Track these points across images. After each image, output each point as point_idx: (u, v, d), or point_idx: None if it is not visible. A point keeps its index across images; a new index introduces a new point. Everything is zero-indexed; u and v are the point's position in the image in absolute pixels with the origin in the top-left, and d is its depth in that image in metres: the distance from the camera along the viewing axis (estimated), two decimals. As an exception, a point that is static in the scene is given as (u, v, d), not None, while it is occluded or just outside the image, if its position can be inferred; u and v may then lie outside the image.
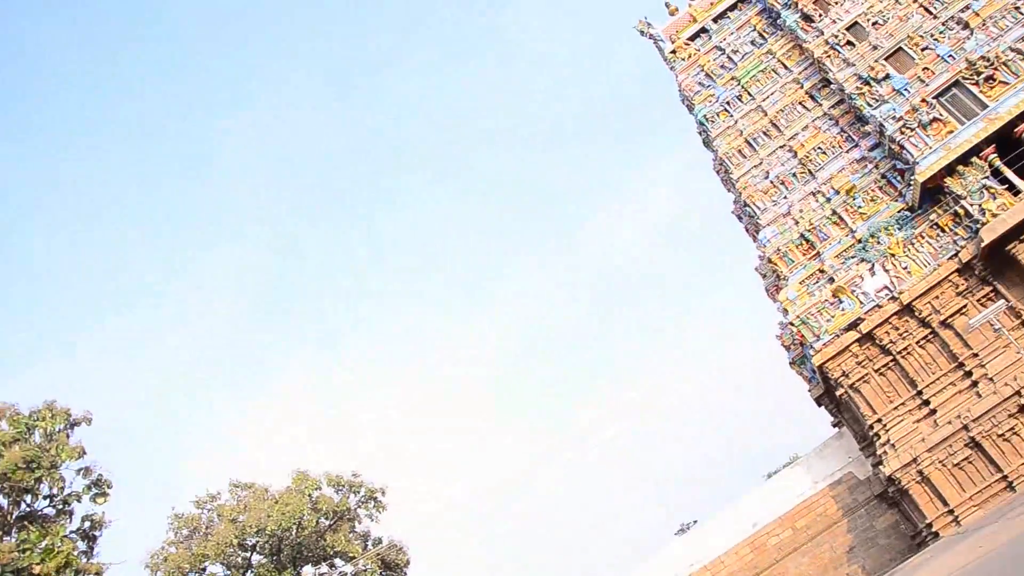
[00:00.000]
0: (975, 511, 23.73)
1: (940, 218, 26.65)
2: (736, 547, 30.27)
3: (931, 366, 25.92)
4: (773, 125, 31.24)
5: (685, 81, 33.93)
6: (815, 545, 29.24)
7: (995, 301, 25.07)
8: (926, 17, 30.06)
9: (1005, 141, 25.88)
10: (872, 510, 28.91)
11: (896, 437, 25.36)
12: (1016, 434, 24.09)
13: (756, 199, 30.38)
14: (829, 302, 27.29)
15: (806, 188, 29.67)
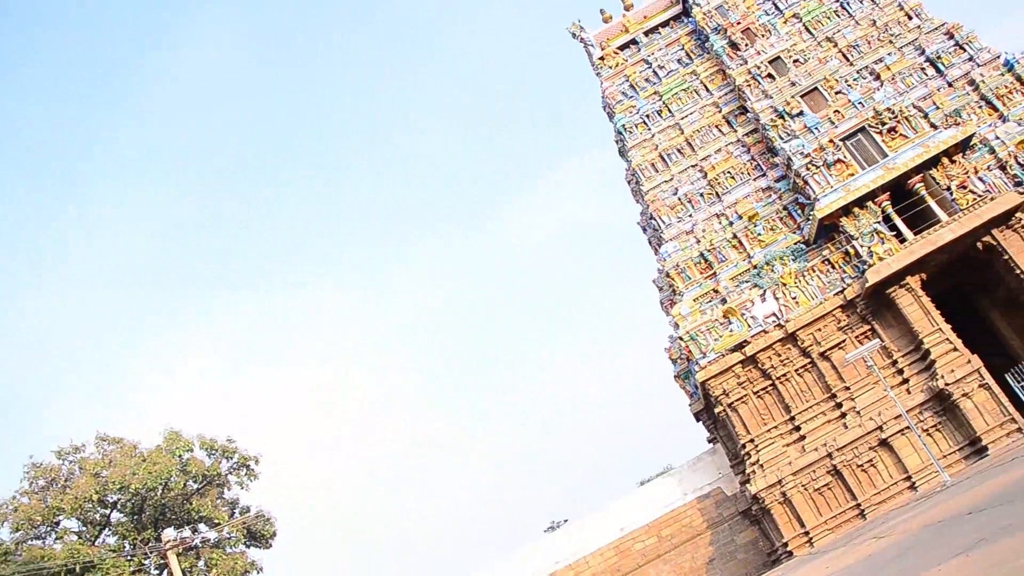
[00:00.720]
0: (828, 534, 24.98)
1: (832, 255, 27.93)
2: (602, 549, 30.99)
3: (806, 394, 27.15)
4: (688, 144, 32.09)
5: (609, 89, 34.48)
6: (678, 554, 30.21)
7: (871, 339, 26.43)
8: (843, 63, 31.48)
9: (899, 190, 27.32)
10: (735, 525, 30.06)
11: (765, 458, 26.45)
12: (873, 466, 25.50)
13: (662, 213, 31.14)
14: (719, 322, 28.21)
15: (711, 209, 30.61)
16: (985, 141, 28.84)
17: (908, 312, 26.19)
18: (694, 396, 32.97)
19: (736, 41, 31.66)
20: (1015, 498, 7.05)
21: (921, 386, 25.75)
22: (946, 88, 30.66)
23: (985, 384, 24.72)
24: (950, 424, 25.28)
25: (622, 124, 33.40)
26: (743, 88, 30.75)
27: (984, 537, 5.62)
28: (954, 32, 31.60)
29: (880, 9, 32.92)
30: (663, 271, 30.78)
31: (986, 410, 24.55)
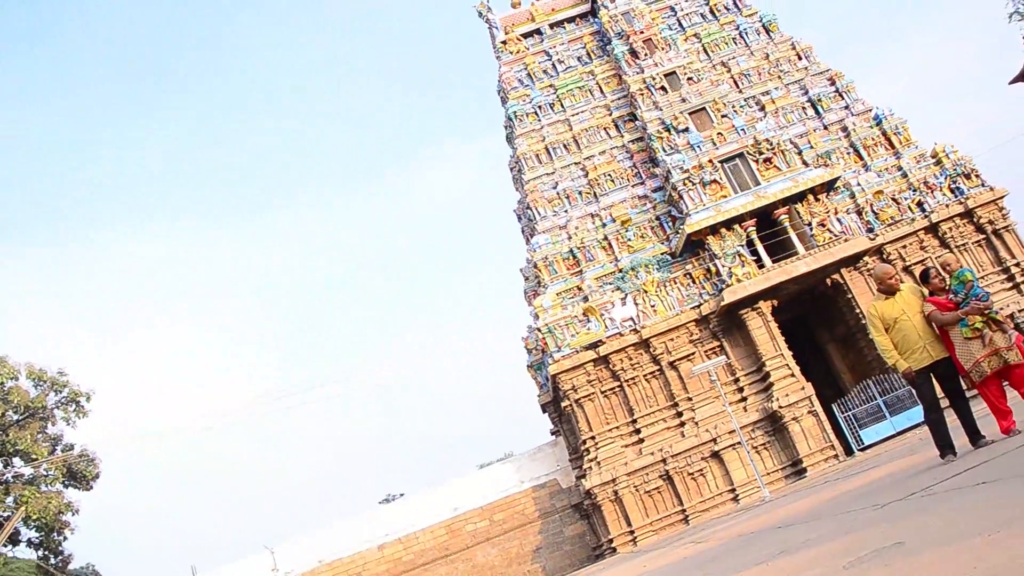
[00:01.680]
0: (652, 535, 25.96)
1: (695, 270, 28.93)
2: (433, 526, 31.19)
3: (650, 399, 28.06)
4: (575, 141, 32.52)
5: (507, 74, 34.53)
6: (507, 539, 30.73)
7: (719, 355, 27.56)
8: (733, 89, 32.60)
9: (766, 218, 28.55)
10: (566, 517, 30.82)
11: (603, 456, 27.20)
12: (703, 475, 26.64)
13: (539, 205, 31.47)
14: (578, 319, 28.76)
15: (587, 208, 31.16)
16: (848, 186, 30.52)
17: (756, 335, 27.46)
18: (544, 388, 33.55)
19: (636, 49, 32.27)
20: (820, 516, 7.50)
21: (757, 406, 27.07)
22: (822, 130, 32.23)
23: (814, 411, 26.21)
24: (778, 444, 26.70)
25: (514, 111, 33.53)
26: (636, 96, 31.40)
27: (785, 549, 5.93)
28: (836, 79, 33.24)
29: (775, 45, 34.25)
30: (532, 261, 31.14)
31: (811, 435, 26.05)
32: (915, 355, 7.35)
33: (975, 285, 7.35)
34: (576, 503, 30.40)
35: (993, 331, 7.10)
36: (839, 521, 6.44)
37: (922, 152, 31.51)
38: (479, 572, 30.41)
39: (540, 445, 33.24)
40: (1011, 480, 4.32)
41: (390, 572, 30.68)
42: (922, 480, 6.58)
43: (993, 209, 30.20)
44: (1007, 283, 29.40)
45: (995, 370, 7.10)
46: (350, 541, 31.33)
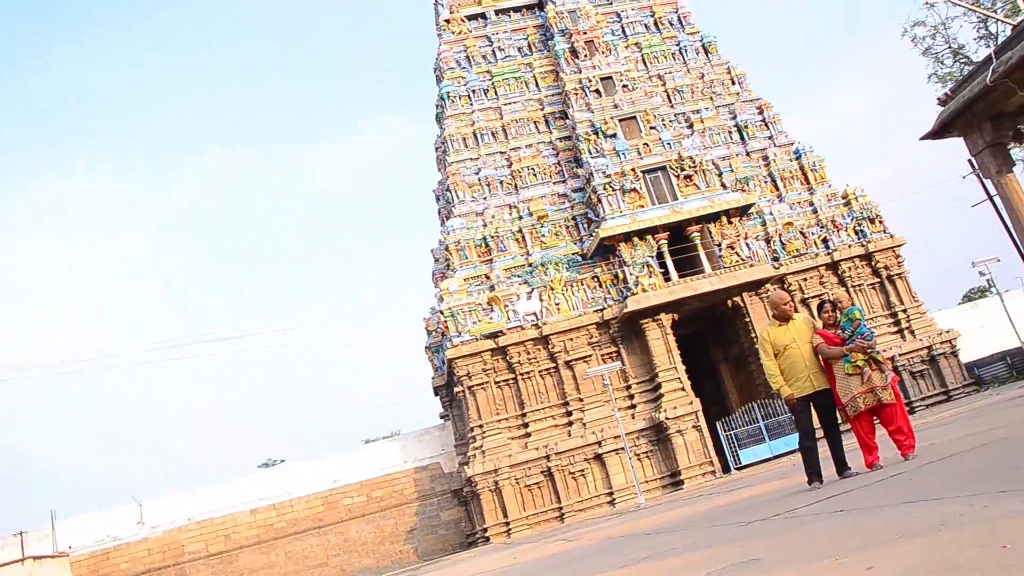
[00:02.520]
0: (526, 529, 26.22)
1: (603, 274, 29.29)
2: (310, 496, 30.85)
3: (543, 396, 28.31)
4: (503, 130, 32.50)
5: (446, 54, 34.25)
6: (383, 517, 30.63)
7: (615, 360, 28.00)
8: (666, 103, 33.09)
9: (678, 233, 29.09)
10: (444, 502, 30.89)
11: (489, 446, 27.32)
12: (584, 476, 27.03)
13: (459, 188, 31.35)
14: (482, 307, 28.78)
15: (506, 199, 31.18)
16: (761, 213, 31.36)
17: (653, 345, 27.98)
18: (439, 371, 33.51)
19: (577, 49, 32.42)
20: (689, 527, 7.67)
21: (645, 414, 27.59)
22: (744, 156, 33.03)
23: (698, 426, 26.88)
24: (660, 454, 27.28)
25: (447, 91, 33.29)
26: (570, 95, 31.55)
27: (651, 555, 6.04)
28: (764, 109, 34.09)
29: (711, 66, 34.90)
30: (444, 244, 31.02)
31: (692, 449, 26.72)
32: (799, 383, 7.59)
33: (862, 324, 7.63)
34: (456, 489, 30.49)
35: (873, 370, 7.39)
36: (706, 533, 6.59)
37: (834, 191, 32.60)
38: (350, 546, 30.24)
39: (428, 428, 33.21)
40: (867, 511, 4.49)
41: (260, 537, 30.23)
42: (788, 503, 6.80)
43: (890, 255, 31.49)
44: (893, 326, 30.74)
45: (869, 407, 7.39)
46: (223, 502, 30.73)
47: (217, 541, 30.08)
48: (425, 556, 29.84)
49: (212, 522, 30.30)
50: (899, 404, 7.56)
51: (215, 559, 29.79)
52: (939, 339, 30.24)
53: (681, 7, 36.25)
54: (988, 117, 14.19)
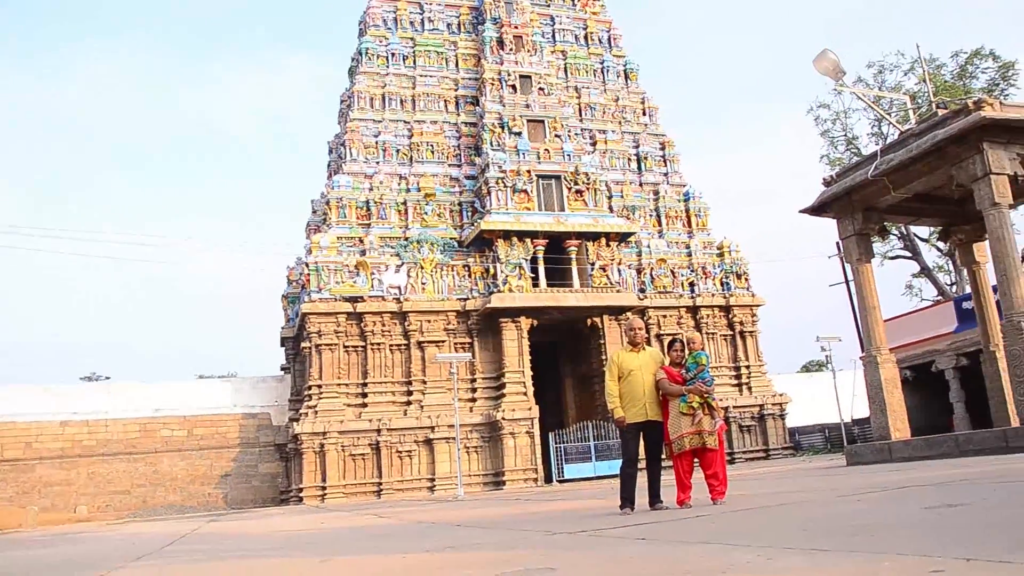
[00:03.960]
0: (342, 497, 25.99)
1: (475, 265, 29.38)
2: (128, 420, 29.62)
3: (388, 370, 28.15)
4: (412, 101, 32.15)
5: (375, 9, 33.58)
6: (200, 456, 29.72)
7: (467, 352, 28.13)
8: (576, 115, 33.48)
9: (557, 243, 29.50)
10: (266, 454, 30.26)
11: (323, 407, 26.96)
12: (410, 457, 27.03)
13: (355, 146, 30.81)
14: (349, 269, 28.37)
15: (399, 168, 30.86)
16: (639, 244, 32.20)
17: (507, 345, 28.27)
18: (291, 322, 32.86)
19: (505, 41, 32.41)
20: (497, 527, 7.78)
21: (484, 410, 27.84)
22: (636, 185, 33.82)
23: (532, 433, 27.34)
24: (489, 451, 27.59)
25: (367, 47, 32.67)
26: (486, 83, 31.51)
27: (455, 545, 6.10)
28: (666, 146, 35.02)
29: (628, 92, 35.57)
30: (326, 198, 30.40)
31: (521, 453, 27.15)
32: (635, 409, 7.81)
33: (706, 370, 7.93)
34: (281, 443, 29.96)
35: (705, 414, 7.68)
36: (512, 536, 6.70)
37: (712, 240, 33.80)
38: (159, 479, 29.23)
39: (266, 376, 32.49)
40: (667, 543, 4.67)
41: (64, 452, 28.81)
42: (596, 523, 6.99)
43: (748, 313, 32.92)
44: (734, 379, 32.13)
45: (693, 447, 7.69)
46: (32, 407, 29.08)
47: (15, 447, 28.44)
48: (234, 504, 29.15)
49: (15, 425, 28.64)
50: (721, 451, 7.89)
51: (7, 465, 28.15)
52: (772, 400, 31.81)
53: (614, 28, 36.79)
54: (862, 207, 15.03)
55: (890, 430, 14.43)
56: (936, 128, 13.34)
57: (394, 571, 4.90)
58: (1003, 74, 39.41)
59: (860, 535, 4.09)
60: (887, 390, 14.64)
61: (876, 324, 15.11)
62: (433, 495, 25.70)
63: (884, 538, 3.87)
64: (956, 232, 16.56)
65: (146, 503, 28.78)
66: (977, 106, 12.69)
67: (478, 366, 28.65)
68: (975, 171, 12.79)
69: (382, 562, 5.56)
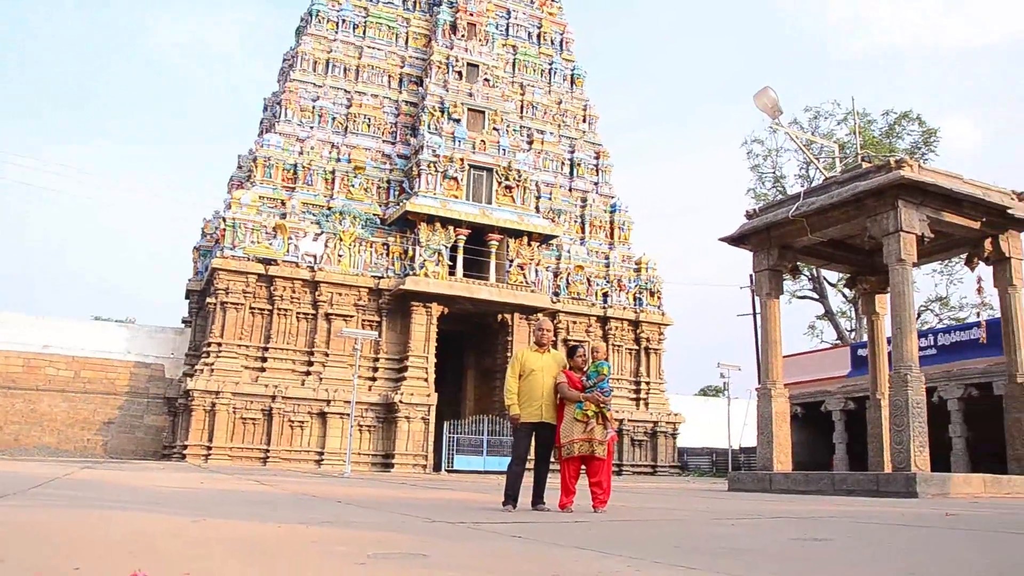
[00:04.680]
0: (226, 460, 25.45)
1: (395, 245, 29.15)
2: (11, 352, 28.48)
3: (293, 337, 27.71)
4: (356, 71, 31.72)
5: (330, -28, 32.98)
6: (84, 400, 28.75)
7: (374, 330, 27.85)
8: (517, 112, 33.51)
9: (479, 235, 29.50)
10: (154, 406, 29.46)
11: (221, 367, 26.39)
12: (302, 428, 26.65)
13: (291, 108, 30.25)
14: (267, 230, 27.82)
15: (333, 137, 30.40)
16: (560, 247, 32.45)
17: (415, 329, 28.16)
18: (199, 275, 32.09)
19: (458, 26, 32.23)
20: (378, 508, 7.77)
21: (383, 391, 27.66)
22: (566, 190, 34.06)
23: (427, 419, 27.29)
24: (382, 433, 27.42)
25: (317, 9, 32.10)
26: (433, 66, 31.29)
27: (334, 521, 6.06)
28: (601, 156, 35.36)
29: (572, 97, 35.79)
30: (253, 155, 29.74)
31: (414, 438, 27.07)
32: (531, 409, 7.87)
33: (606, 380, 8.02)
34: (172, 397, 29.21)
35: (598, 423, 7.78)
36: (391, 519, 6.68)
37: (631, 255, 34.28)
38: (36, 419, 28.17)
39: (165, 327, 31.65)
40: (541, 543, 4.72)
41: (-65, 376, 27.51)
42: (477, 515, 7.02)
43: (655, 331, 33.50)
44: (633, 393, 32.67)
45: (582, 454, 7.78)
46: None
47: None
48: (114, 453, 28.30)
49: None
50: (608, 462, 7.99)
51: None
52: (666, 418, 32.46)
53: (568, 32, 36.95)
54: (778, 244, 15.44)
55: (773, 462, 14.87)
56: (858, 180, 13.80)
57: (266, 539, 4.83)
58: (926, 139, 41.10)
59: (728, 557, 4.20)
60: (776, 423, 15.09)
61: (775, 358, 15.56)
62: (320, 469, 25.43)
63: (749, 562, 3.98)
64: (862, 281, 17.16)
65: (18, 441, 27.70)
66: (898, 165, 13.18)
67: (383, 346, 28.46)
68: (887, 226, 13.27)
69: (255, 529, 5.47)
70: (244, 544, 4.48)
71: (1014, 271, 14.77)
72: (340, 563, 3.76)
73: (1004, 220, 14.36)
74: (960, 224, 14.11)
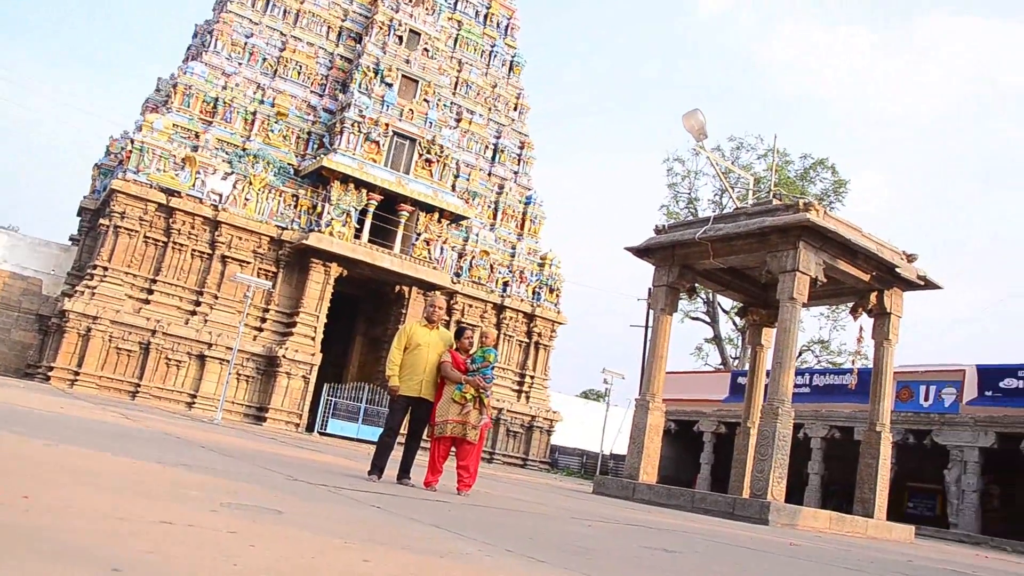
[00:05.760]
0: (93, 388, 24.51)
1: (305, 198, 28.57)
2: None
3: (184, 275, 26.86)
4: (296, 15, 30.91)
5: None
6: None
7: (269, 280, 27.18)
8: (451, 88, 33.24)
9: (392, 203, 29.20)
10: (24, 321, 28.16)
11: (103, 292, 25.37)
12: (179, 367, 25.88)
13: (222, 40, 29.26)
14: (175, 160, 26.89)
15: (261, 78, 29.56)
16: (469, 230, 32.45)
17: (311, 286, 27.72)
18: (96, 194, 30.87)
19: (407, -10, 31.74)
20: (242, 459, 7.65)
21: (267, 342, 27.12)
22: (486, 174, 34.04)
23: (308, 378, 26.91)
24: (259, 385, 26.90)
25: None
26: (375, 26, 30.74)
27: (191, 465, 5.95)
28: (525, 146, 35.47)
29: (507, 84, 35.73)
30: (175, 80, 28.62)
31: (291, 395, 26.68)
32: (410, 382, 7.87)
33: (490, 366, 8.08)
34: (46, 315, 28.01)
35: (475, 408, 7.83)
36: (252, 471, 6.59)
37: (538, 249, 34.53)
38: None
39: (50, 241, 30.33)
40: (397, 516, 4.73)
41: None
42: (340, 481, 6.98)
43: (549, 327, 33.88)
44: (517, 384, 32.97)
45: (454, 435, 7.82)
46: None
47: None
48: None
49: None
50: (479, 447, 8.06)
51: None
52: (545, 414, 32.88)
53: (515, 18, 36.84)
54: (681, 263, 15.80)
55: (640, 472, 15.24)
56: (767, 215, 14.22)
57: (119, 473, 4.70)
58: (836, 188, 42.75)
59: (577, 555, 4.29)
60: (649, 435, 15.46)
61: (659, 373, 15.93)
62: (190, 412, 24.80)
63: (598, 564, 4.08)
64: (753, 313, 17.72)
65: None
66: (806, 208, 13.65)
67: (275, 298, 27.92)
68: (786, 264, 13.74)
69: (109, 461, 5.31)
70: (95, 476, 4.34)
71: (892, 327, 15.49)
72: (190, 507, 3.68)
73: (892, 277, 15.05)
74: (852, 274, 14.71)
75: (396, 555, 3.28)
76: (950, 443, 23.43)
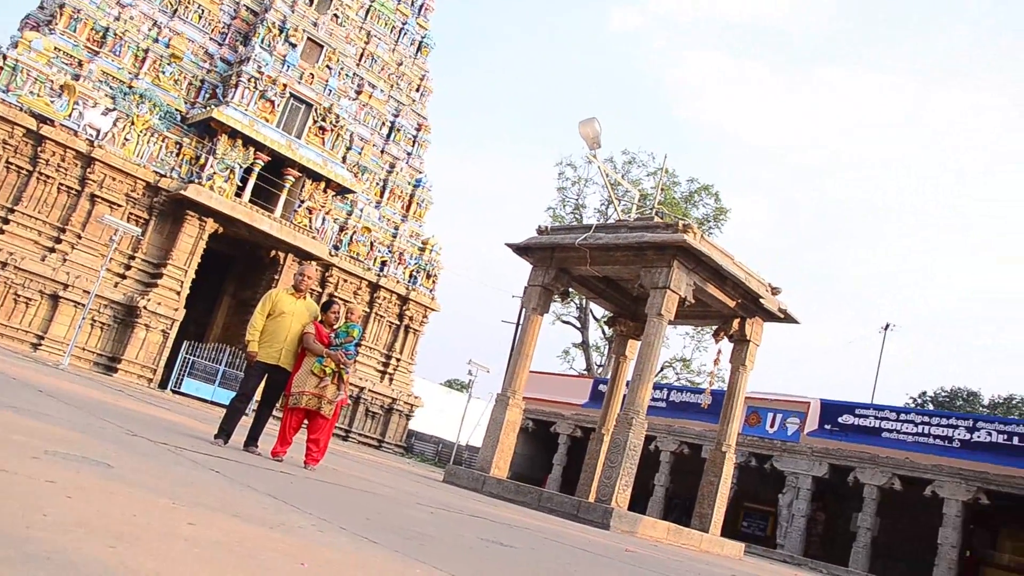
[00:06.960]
0: None
1: (188, 148, 27.50)
2: None
3: (45, 208, 25.33)
4: (203, -42, 29.71)
5: None
6: None
7: (140, 227, 26.06)
8: (356, 59, 32.66)
9: (278, 166, 28.51)
10: None
11: (-47, 213, 23.77)
12: (28, 306, 24.37)
13: (120, -29, 27.82)
14: (53, 86, 25.40)
15: (159, 16, 28.19)
16: (355, 204, 32.02)
17: (183, 239, 26.74)
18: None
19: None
20: (83, 409, 7.35)
21: (128, 290, 25.96)
22: (379, 151, 33.64)
23: (168, 333, 25.95)
24: (114, 334, 25.73)
25: None
26: (285, -20, 29.89)
27: (19, 407, 5.69)
28: (422, 129, 35.24)
29: (413, 63, 35.39)
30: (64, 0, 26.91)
31: (147, 349, 25.66)
32: (269, 349, 7.72)
33: (353, 343, 8.01)
34: None
35: (333, 383, 7.74)
36: (89, 422, 6.34)
37: (420, 233, 34.39)
38: None
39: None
40: (235, 482, 4.63)
41: None
42: (183, 442, 6.79)
43: (421, 312, 33.79)
44: (381, 366, 32.73)
45: (307, 408, 7.71)
46: None
47: None
48: None
49: None
50: (332, 422, 7.97)
51: None
52: (406, 399, 32.77)
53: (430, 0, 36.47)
54: (558, 266, 16.03)
55: (492, 466, 15.38)
56: (646, 231, 14.58)
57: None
58: (716, 215, 44.26)
59: (413, 541, 4.31)
60: (505, 431, 15.62)
61: (522, 370, 16.11)
62: (35, 354, 23.54)
63: (430, 550, 4.10)
64: (622, 323, 18.14)
65: None
66: (684, 229, 14.06)
67: (143, 246, 26.77)
68: (658, 280, 14.12)
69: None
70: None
71: (749, 354, 16.16)
72: (9, 452, 3.50)
73: (755, 306, 15.69)
74: (719, 299, 15.26)
75: (224, 521, 3.21)
76: (788, 469, 24.69)
